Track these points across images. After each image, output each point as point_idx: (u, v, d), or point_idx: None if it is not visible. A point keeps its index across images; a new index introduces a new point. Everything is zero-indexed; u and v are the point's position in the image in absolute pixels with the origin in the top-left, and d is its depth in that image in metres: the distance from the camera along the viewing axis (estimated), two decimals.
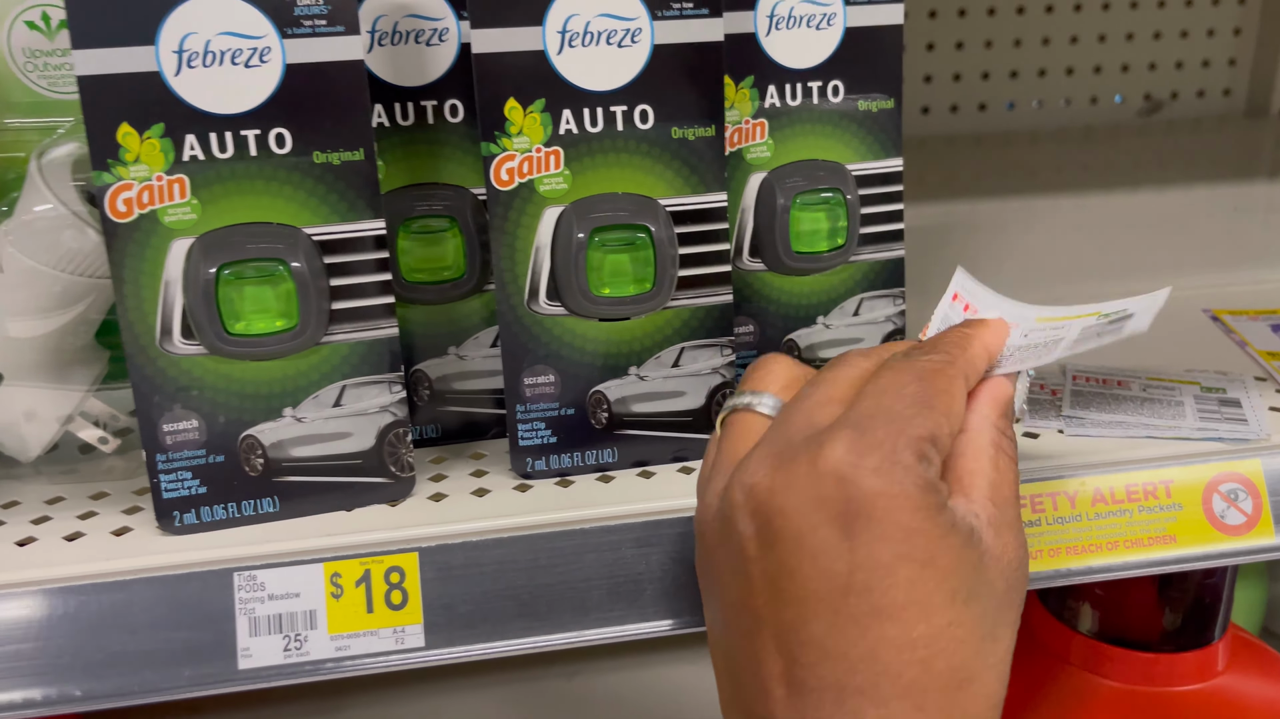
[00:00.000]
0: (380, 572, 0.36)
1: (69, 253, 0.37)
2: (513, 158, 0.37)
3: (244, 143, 0.35)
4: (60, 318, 0.38)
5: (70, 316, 0.39)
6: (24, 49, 0.38)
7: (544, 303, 0.38)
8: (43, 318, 0.38)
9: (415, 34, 0.39)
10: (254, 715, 0.73)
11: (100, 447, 0.42)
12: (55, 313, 0.38)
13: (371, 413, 0.38)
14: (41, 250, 0.37)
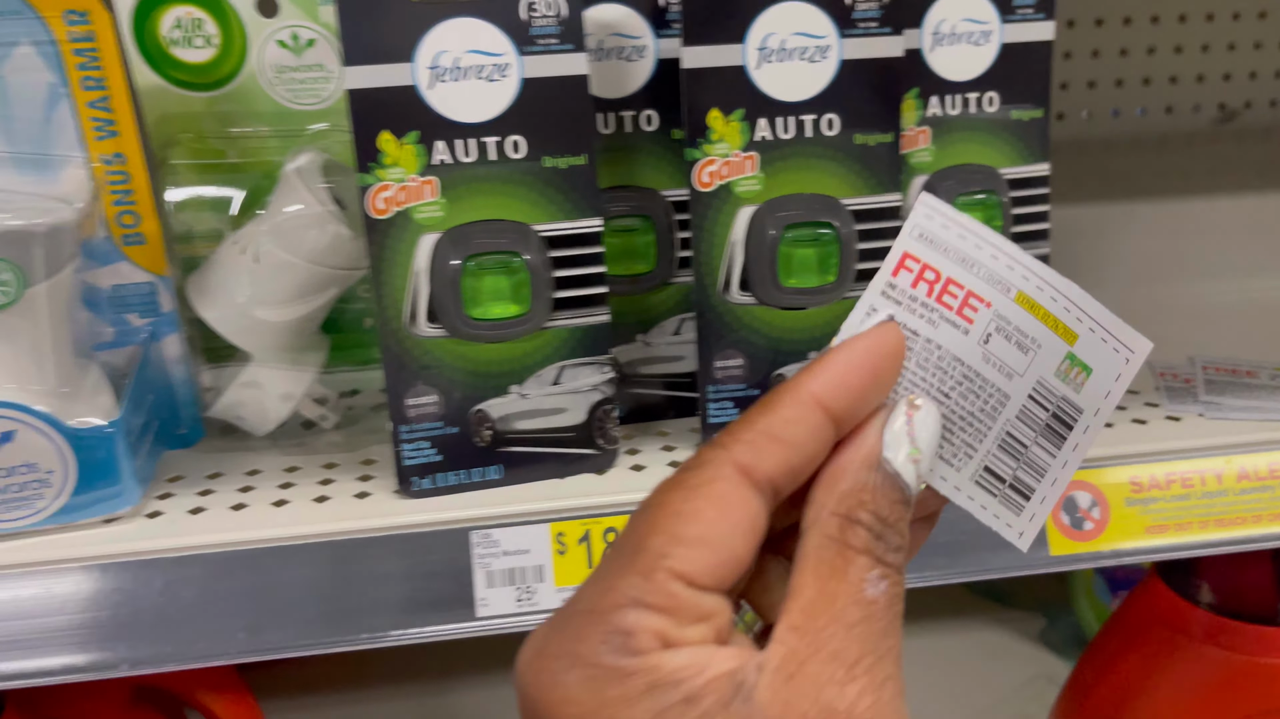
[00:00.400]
0: (599, 531, 0.40)
1: (319, 247, 0.42)
2: (713, 162, 0.41)
3: (485, 148, 0.39)
4: (305, 306, 0.43)
5: (314, 305, 0.43)
6: (274, 65, 0.43)
7: (736, 293, 0.43)
8: (290, 305, 0.43)
9: (617, 50, 0.44)
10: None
11: (320, 423, 0.47)
12: (301, 301, 0.43)
13: (584, 391, 0.42)
14: (295, 245, 0.42)
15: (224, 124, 0.43)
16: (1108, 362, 0.27)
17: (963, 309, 0.27)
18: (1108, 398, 0.28)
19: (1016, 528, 0.28)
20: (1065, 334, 0.27)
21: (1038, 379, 0.27)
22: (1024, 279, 0.27)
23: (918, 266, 0.27)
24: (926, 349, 0.27)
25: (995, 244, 0.27)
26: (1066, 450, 0.28)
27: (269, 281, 0.42)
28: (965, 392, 0.27)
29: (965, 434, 0.28)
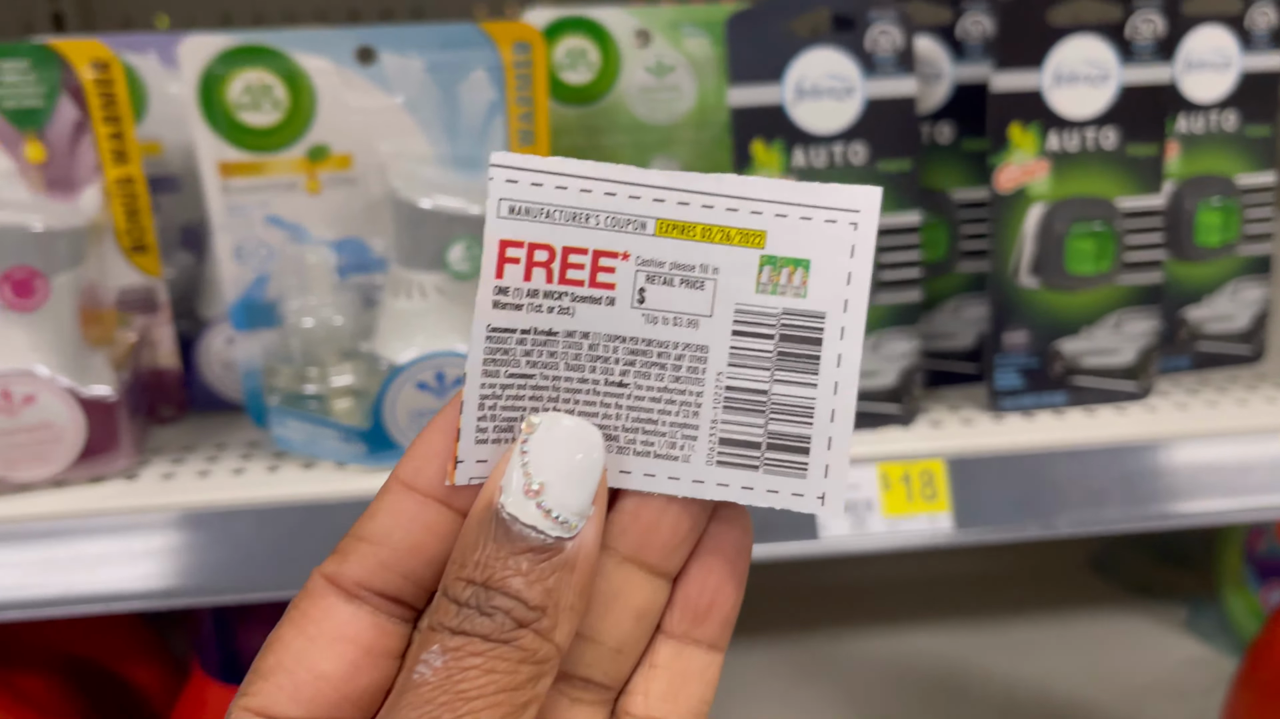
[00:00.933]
0: (915, 473, 0.49)
1: None
2: (1012, 168, 0.50)
3: (833, 155, 0.48)
4: None
5: None
6: (639, 86, 0.52)
7: (1025, 277, 0.51)
8: None
9: (922, 76, 0.52)
10: None
11: None
12: None
13: (896, 358, 0.50)
14: None
15: (589, 134, 0.53)
16: (825, 240, 0.22)
17: (596, 277, 0.22)
18: (851, 282, 0.22)
19: (811, 491, 0.22)
20: (745, 239, 0.22)
21: (735, 308, 0.22)
22: (657, 204, 0.22)
23: (522, 252, 0.22)
24: (572, 345, 0.22)
25: (606, 177, 0.22)
26: (828, 369, 0.22)
27: None
28: (643, 368, 0.22)
29: (671, 415, 0.22)
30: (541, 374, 0.22)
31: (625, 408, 0.22)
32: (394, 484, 0.22)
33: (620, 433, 0.23)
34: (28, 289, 0.44)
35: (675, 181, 0.22)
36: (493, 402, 0.22)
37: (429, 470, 0.22)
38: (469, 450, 0.22)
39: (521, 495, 0.21)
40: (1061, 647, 0.87)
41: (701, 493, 0.22)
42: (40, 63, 0.45)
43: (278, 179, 0.46)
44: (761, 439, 0.22)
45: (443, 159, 0.48)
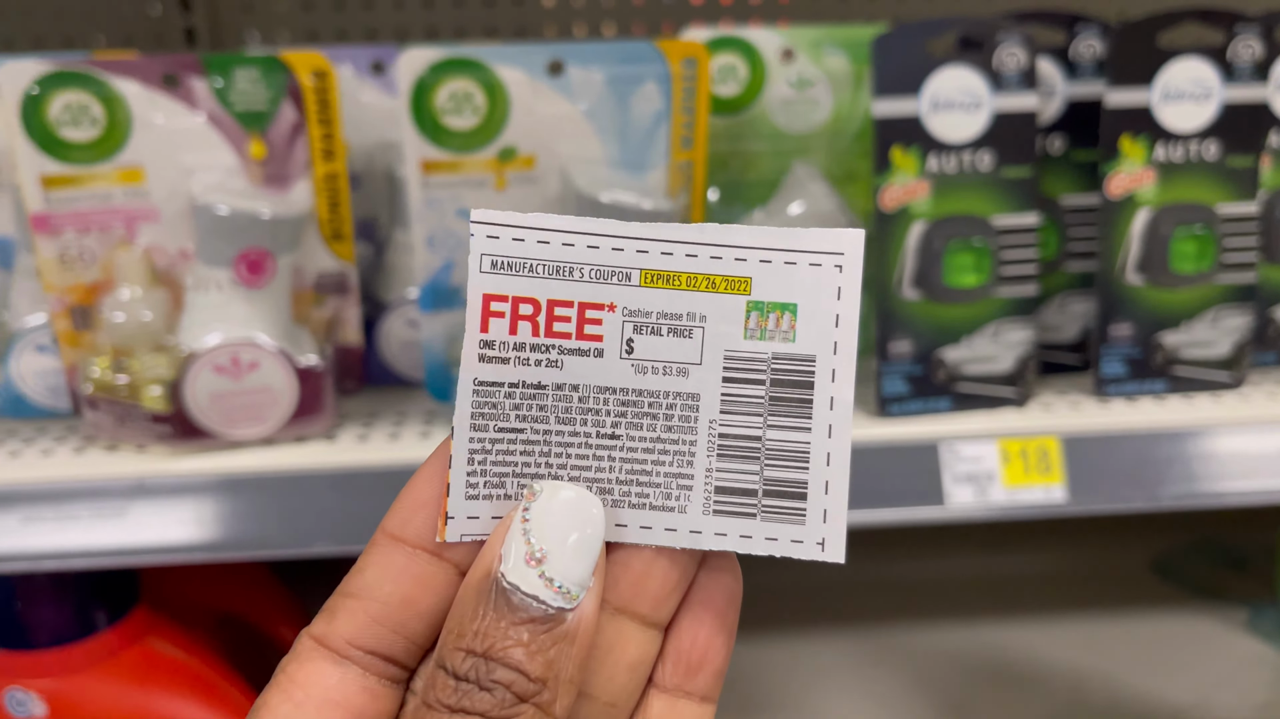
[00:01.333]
0: (1033, 448, 0.54)
1: None
2: (1121, 176, 0.55)
3: (963, 161, 0.53)
4: None
5: None
6: (780, 99, 0.58)
7: (1131, 275, 0.56)
8: None
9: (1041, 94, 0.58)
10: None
11: None
12: None
13: (1014, 345, 0.56)
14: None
15: (733, 141, 0.58)
16: (811, 284, 0.22)
17: (583, 329, 0.22)
18: (839, 324, 0.22)
19: (810, 537, 0.22)
20: (731, 286, 0.22)
21: (724, 355, 0.22)
22: (640, 255, 0.22)
23: (507, 306, 0.22)
24: (561, 399, 0.22)
25: (588, 230, 0.22)
26: (821, 412, 0.22)
27: None
28: (635, 419, 0.22)
29: (665, 466, 0.22)
30: (532, 428, 0.22)
31: (618, 460, 0.22)
32: (381, 537, 0.22)
33: (614, 485, 0.22)
34: (259, 268, 0.51)
35: (657, 233, 0.22)
36: (482, 457, 0.22)
37: (417, 521, 0.22)
38: (459, 506, 0.22)
39: (523, 564, 0.20)
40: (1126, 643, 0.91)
41: (699, 543, 0.22)
42: (269, 71, 0.52)
43: (470, 176, 0.53)
44: (758, 486, 0.22)
45: (613, 161, 0.54)
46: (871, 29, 0.57)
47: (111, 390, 0.52)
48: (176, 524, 0.51)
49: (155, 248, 0.53)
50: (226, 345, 0.50)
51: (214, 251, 0.51)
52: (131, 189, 0.52)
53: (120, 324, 0.52)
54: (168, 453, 0.52)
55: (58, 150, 0.50)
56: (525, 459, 0.22)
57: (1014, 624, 0.94)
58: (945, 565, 1.05)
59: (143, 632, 0.63)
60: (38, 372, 0.56)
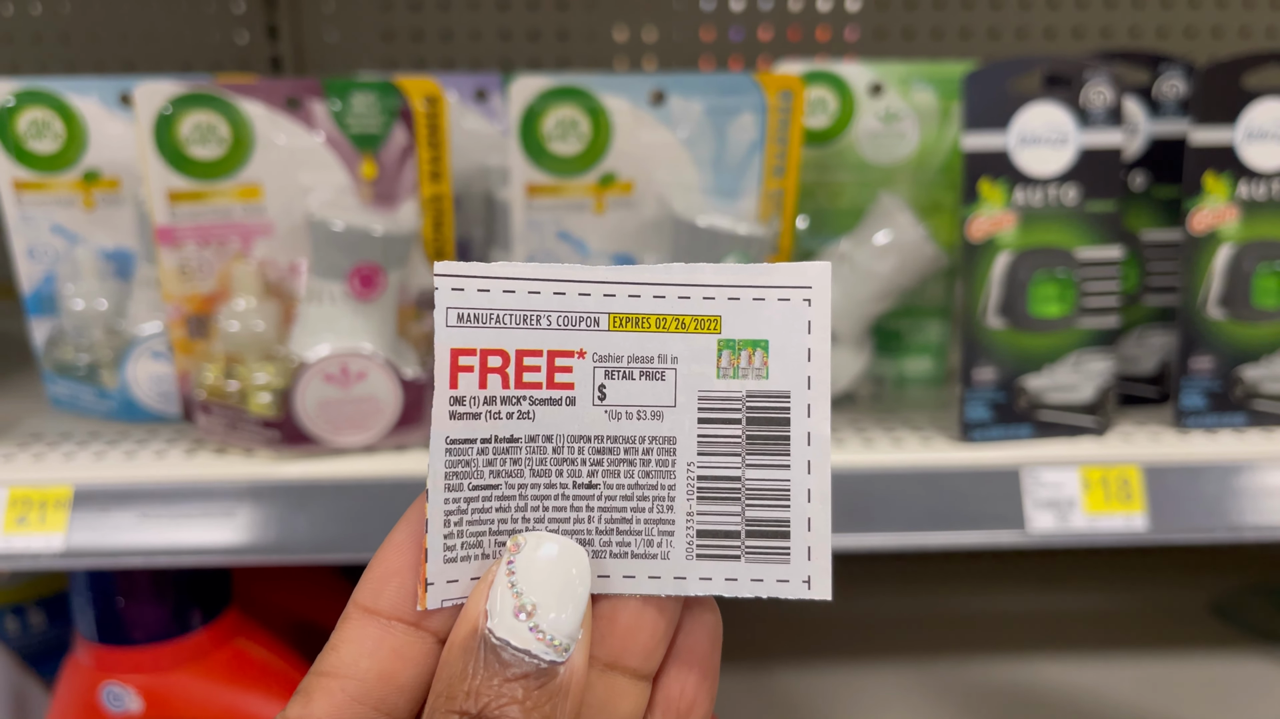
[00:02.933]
0: (1114, 476, 0.55)
1: (904, 262, 0.58)
2: (1205, 213, 0.56)
3: (1048, 195, 0.55)
4: (876, 307, 0.59)
5: (880, 307, 0.59)
6: (868, 131, 0.60)
7: (1213, 308, 0.57)
8: (867, 305, 0.59)
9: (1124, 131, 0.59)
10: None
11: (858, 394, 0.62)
12: (875, 303, 0.59)
13: (1095, 375, 0.57)
14: (883, 259, 0.58)
15: (820, 172, 0.60)
16: (781, 319, 0.22)
17: (553, 378, 0.22)
18: (812, 358, 0.22)
19: (796, 576, 0.22)
20: (701, 325, 0.22)
21: (698, 395, 0.22)
22: (607, 299, 0.22)
23: (475, 359, 0.21)
24: (535, 450, 0.22)
25: (553, 277, 0.22)
26: (799, 448, 0.22)
27: (859, 285, 0.58)
28: (611, 467, 0.22)
29: (645, 513, 0.22)
30: (506, 483, 0.22)
31: (597, 509, 0.22)
32: (353, 611, 0.21)
33: (594, 536, 0.22)
34: (371, 282, 0.53)
35: (623, 275, 0.21)
36: (458, 517, 0.22)
37: (389, 592, 0.21)
38: (438, 571, 0.21)
39: (511, 618, 0.20)
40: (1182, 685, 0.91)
41: (684, 589, 0.22)
42: (384, 95, 0.54)
43: (572, 200, 0.55)
44: (740, 527, 0.22)
45: (708, 188, 0.56)
46: (958, 66, 0.59)
47: (223, 396, 0.54)
48: (281, 525, 0.53)
49: (268, 261, 0.56)
50: (337, 355, 0.53)
51: (328, 265, 0.53)
52: (250, 205, 0.55)
53: (234, 333, 0.54)
54: (274, 457, 0.55)
55: (185, 167, 0.53)
56: (502, 516, 0.22)
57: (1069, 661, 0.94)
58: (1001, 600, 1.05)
59: (233, 633, 0.65)
60: (152, 377, 0.58)
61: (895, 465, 0.55)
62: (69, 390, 0.60)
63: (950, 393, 0.64)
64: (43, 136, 0.57)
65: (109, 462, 0.55)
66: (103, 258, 0.59)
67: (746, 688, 0.89)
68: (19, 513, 0.52)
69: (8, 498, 0.52)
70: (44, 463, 0.55)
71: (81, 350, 0.59)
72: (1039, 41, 1.01)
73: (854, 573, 1.08)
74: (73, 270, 0.59)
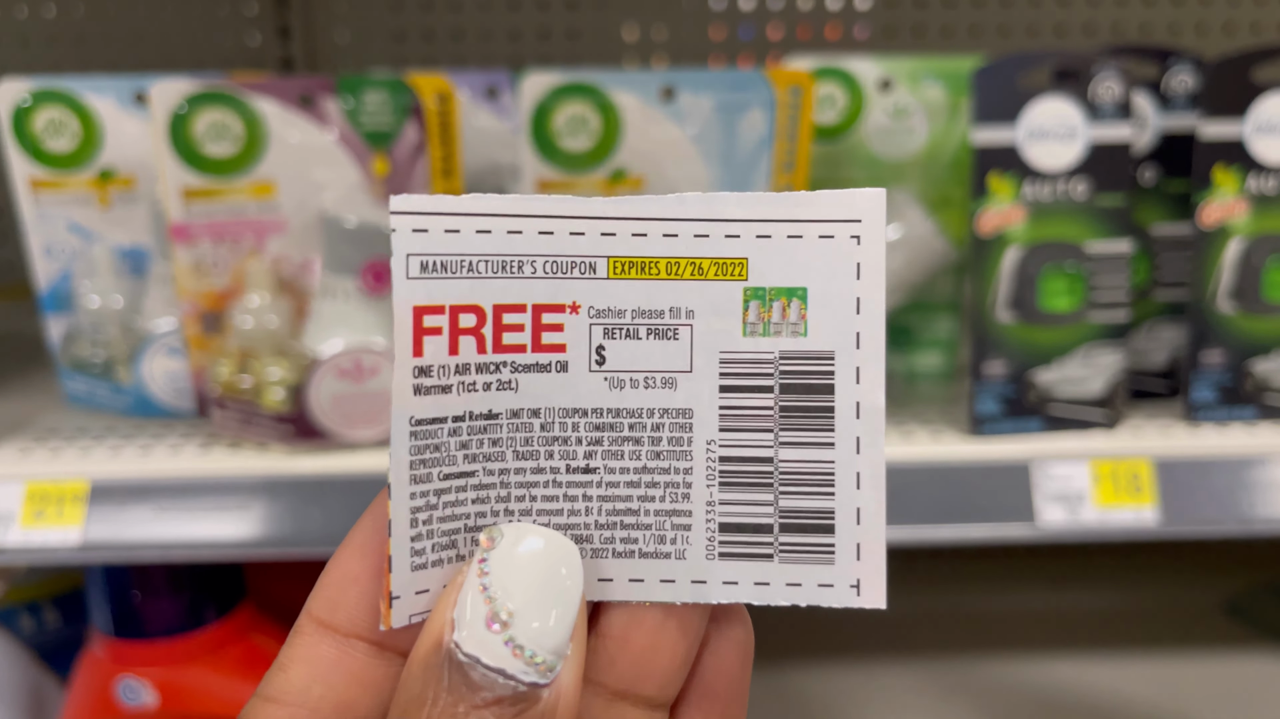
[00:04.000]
0: (1124, 469, 0.55)
1: (914, 257, 0.58)
2: (1214, 206, 0.56)
3: (1057, 189, 0.55)
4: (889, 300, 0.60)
5: (895, 300, 0.60)
6: (877, 127, 0.60)
7: (1223, 302, 0.57)
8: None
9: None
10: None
11: None
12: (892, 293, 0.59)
13: (1105, 369, 0.57)
14: (893, 254, 0.58)
15: (829, 167, 0.61)
16: (823, 260, 0.18)
17: (540, 338, 0.18)
18: (861, 310, 0.18)
19: (842, 579, 0.18)
20: (722, 271, 0.18)
21: (719, 358, 0.18)
22: (606, 239, 0.18)
23: (444, 320, 0.17)
24: (519, 428, 0.18)
25: (538, 213, 0.18)
26: (845, 423, 0.18)
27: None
28: (613, 447, 0.18)
29: (655, 502, 0.18)
30: (485, 469, 0.18)
31: (596, 499, 0.18)
32: (306, 624, 0.18)
33: (593, 531, 0.18)
34: (384, 278, 0.54)
35: (626, 209, 0.17)
36: (427, 514, 0.18)
37: (348, 601, 0.18)
38: (404, 581, 0.17)
39: (483, 629, 0.16)
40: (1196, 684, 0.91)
41: (705, 596, 0.18)
42: (395, 93, 0.55)
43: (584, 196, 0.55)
44: (772, 520, 0.18)
45: (716, 184, 0.56)
46: (967, 61, 0.60)
47: (237, 392, 0.55)
48: (295, 519, 0.54)
49: (282, 258, 0.56)
50: (350, 350, 0.53)
51: (341, 261, 0.53)
52: (263, 202, 0.55)
53: (248, 329, 0.55)
54: (288, 452, 0.55)
55: (199, 165, 0.53)
56: (479, 508, 0.18)
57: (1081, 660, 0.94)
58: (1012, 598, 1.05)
59: (248, 627, 0.66)
60: (167, 373, 0.59)
61: (905, 459, 0.55)
62: (85, 386, 0.61)
63: (960, 387, 0.64)
64: (59, 135, 0.57)
65: (125, 457, 0.55)
66: (118, 255, 0.60)
67: (755, 686, 0.89)
68: (37, 507, 0.52)
69: (25, 492, 0.53)
70: (61, 458, 0.55)
71: (97, 347, 0.60)
72: (1049, 39, 1.01)
73: None
74: (89, 268, 0.59)
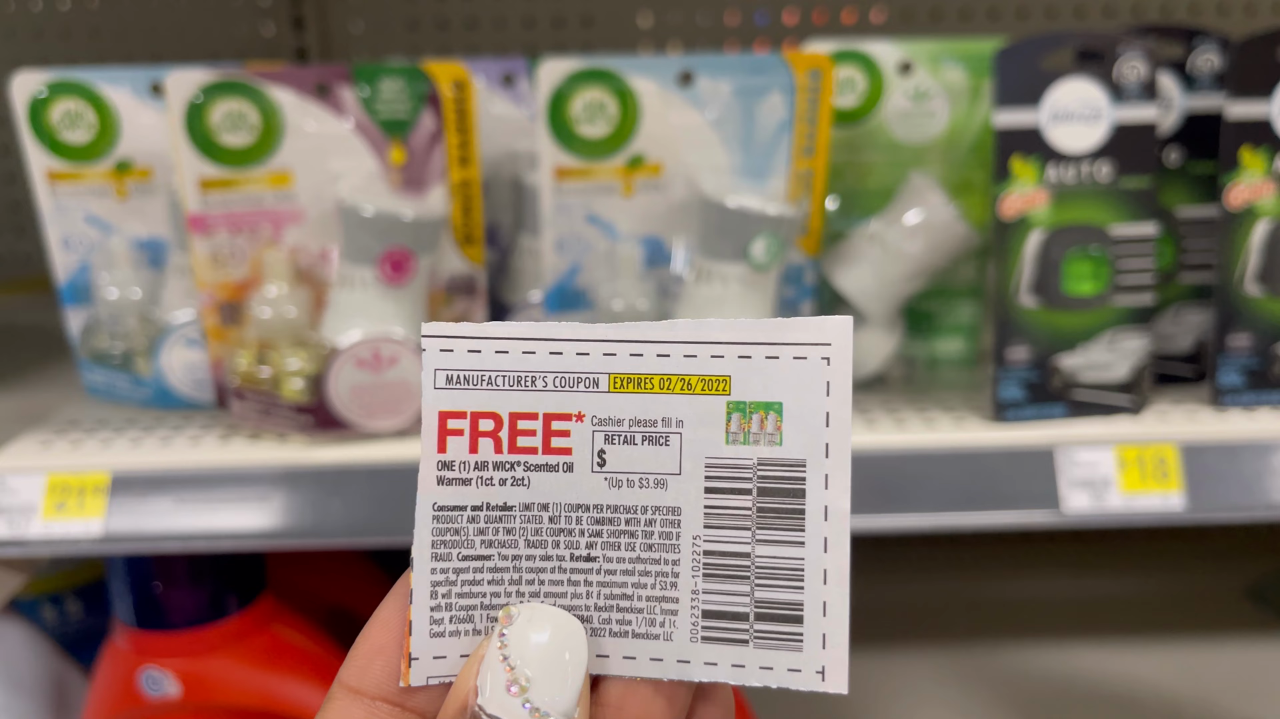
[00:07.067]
0: (1150, 455, 0.54)
1: (936, 242, 0.58)
2: (1241, 188, 0.55)
3: (1081, 172, 0.54)
4: (907, 287, 0.59)
5: (912, 288, 0.59)
6: (897, 111, 0.59)
7: (1249, 285, 0.56)
8: (898, 286, 0.59)
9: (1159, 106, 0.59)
10: None
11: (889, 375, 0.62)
12: (906, 283, 0.59)
13: (1130, 354, 0.56)
14: (914, 239, 0.58)
15: (850, 152, 0.60)
16: (796, 379, 0.20)
17: (549, 442, 0.21)
18: (830, 423, 0.20)
19: (809, 665, 0.20)
20: (708, 387, 0.20)
21: (705, 463, 0.20)
22: (608, 359, 0.20)
23: (465, 424, 0.20)
24: (530, 519, 0.21)
25: (548, 336, 0.21)
26: (814, 524, 0.20)
27: (890, 265, 0.58)
28: (611, 538, 0.21)
29: (647, 589, 0.21)
30: (499, 554, 0.21)
31: (596, 584, 0.21)
32: (338, 691, 0.21)
33: (593, 612, 0.21)
34: (402, 267, 0.53)
35: (624, 333, 0.20)
36: (446, 589, 0.21)
37: (375, 669, 0.20)
38: (423, 646, 0.20)
39: (504, 694, 0.18)
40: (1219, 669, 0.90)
41: (688, 674, 0.20)
42: (412, 81, 0.55)
43: (600, 183, 0.55)
44: (748, 609, 0.20)
45: (736, 169, 0.56)
46: (988, 43, 0.59)
47: (256, 382, 0.54)
48: (315, 510, 0.53)
49: (299, 248, 0.56)
50: (369, 340, 0.53)
51: (358, 251, 0.53)
52: (281, 192, 0.55)
53: (266, 320, 0.55)
54: (307, 442, 0.55)
55: (216, 155, 0.53)
56: (494, 589, 0.21)
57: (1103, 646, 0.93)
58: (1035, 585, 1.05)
59: (269, 618, 0.66)
60: (186, 364, 0.59)
61: (928, 446, 0.54)
62: (105, 378, 0.61)
63: (983, 373, 0.64)
64: (75, 127, 0.57)
65: (145, 448, 0.55)
66: (136, 247, 0.60)
67: None
68: (58, 499, 0.52)
69: (47, 484, 0.53)
70: (81, 450, 0.55)
71: (116, 339, 0.60)
72: (1069, 21, 1.00)
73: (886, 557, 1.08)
74: (107, 260, 0.59)
